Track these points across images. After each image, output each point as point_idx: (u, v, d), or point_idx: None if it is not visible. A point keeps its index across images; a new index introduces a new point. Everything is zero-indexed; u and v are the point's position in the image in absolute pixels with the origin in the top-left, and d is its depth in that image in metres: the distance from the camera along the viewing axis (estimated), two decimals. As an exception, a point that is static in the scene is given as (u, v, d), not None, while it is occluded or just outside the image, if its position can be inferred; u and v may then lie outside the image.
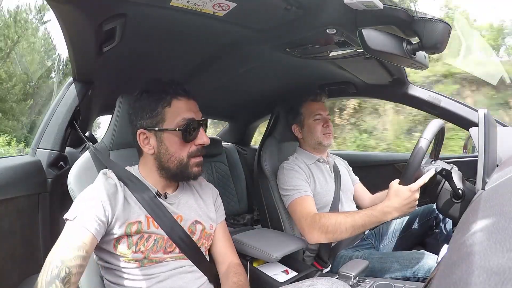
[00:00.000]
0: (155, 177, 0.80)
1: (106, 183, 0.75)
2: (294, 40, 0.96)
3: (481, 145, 0.70)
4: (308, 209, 1.08)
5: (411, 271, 0.95)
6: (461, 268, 0.27)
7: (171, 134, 0.76)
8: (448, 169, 0.91)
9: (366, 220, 0.95)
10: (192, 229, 0.81)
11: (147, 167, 0.81)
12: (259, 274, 0.95)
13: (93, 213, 0.68)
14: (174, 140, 0.76)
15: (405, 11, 0.72)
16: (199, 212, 0.84)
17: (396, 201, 0.91)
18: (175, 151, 0.77)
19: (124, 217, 0.72)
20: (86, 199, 0.71)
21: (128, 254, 0.72)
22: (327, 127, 1.27)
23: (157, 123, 0.76)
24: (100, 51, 0.87)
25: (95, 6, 0.69)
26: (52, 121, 1.03)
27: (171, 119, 0.76)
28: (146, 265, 0.74)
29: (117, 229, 0.71)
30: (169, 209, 0.78)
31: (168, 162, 0.77)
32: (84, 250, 0.63)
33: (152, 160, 0.79)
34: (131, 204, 0.75)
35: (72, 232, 0.66)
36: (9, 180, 0.81)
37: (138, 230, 0.73)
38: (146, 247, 0.73)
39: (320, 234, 1.00)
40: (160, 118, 0.76)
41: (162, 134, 0.76)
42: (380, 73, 1.28)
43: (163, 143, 0.76)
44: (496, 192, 0.50)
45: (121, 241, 0.72)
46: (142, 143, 0.78)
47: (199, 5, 0.73)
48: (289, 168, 1.20)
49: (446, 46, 0.73)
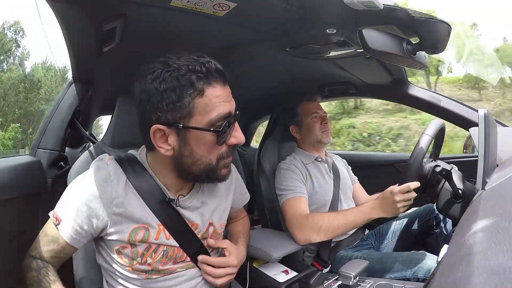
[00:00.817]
0: (170, 177, 0.66)
1: (100, 176, 0.62)
2: (294, 40, 0.96)
3: (481, 145, 0.70)
4: (300, 210, 1.09)
5: (411, 271, 0.95)
6: (461, 268, 0.27)
7: (202, 134, 0.58)
8: (448, 169, 0.91)
9: (357, 216, 0.99)
10: (205, 236, 0.72)
11: (160, 163, 0.65)
12: (259, 274, 0.95)
13: (75, 222, 0.61)
14: (205, 141, 0.59)
15: (405, 11, 0.72)
16: (213, 210, 0.73)
17: (380, 200, 0.96)
18: (202, 155, 0.60)
19: (127, 221, 0.62)
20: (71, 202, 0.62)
21: (133, 265, 0.64)
22: (325, 125, 1.28)
23: (182, 118, 0.57)
24: (100, 51, 0.87)
25: (95, 6, 0.68)
26: (52, 121, 1.03)
27: (202, 114, 0.57)
28: (153, 276, 0.66)
29: (117, 236, 0.62)
30: (184, 216, 0.67)
31: (193, 166, 0.61)
32: (59, 252, 0.65)
33: (168, 161, 0.63)
34: (134, 204, 0.62)
35: (50, 233, 0.65)
36: (9, 180, 0.81)
37: (144, 239, 0.63)
38: (154, 259, 0.64)
39: (313, 233, 1.02)
40: (187, 112, 0.56)
41: (187, 133, 0.58)
42: (380, 73, 1.28)
43: (187, 145, 0.59)
44: (496, 192, 0.50)
45: (124, 250, 0.63)
46: (157, 142, 0.59)
47: (199, 5, 0.73)
48: (285, 167, 1.20)
49: (446, 46, 0.73)
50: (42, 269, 0.65)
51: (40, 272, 0.64)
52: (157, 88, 0.56)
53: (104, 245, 0.67)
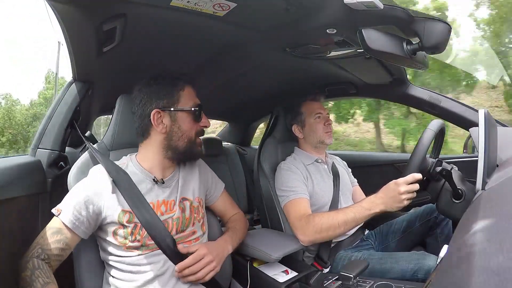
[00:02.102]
0: (157, 159, 0.85)
1: (95, 178, 0.80)
2: (294, 40, 0.96)
3: (481, 145, 0.70)
4: (303, 211, 1.09)
5: (411, 272, 0.95)
6: (461, 268, 0.27)
7: (186, 113, 0.85)
8: (448, 169, 0.91)
9: (356, 213, 0.98)
10: (182, 207, 0.86)
11: (149, 150, 0.86)
12: (259, 274, 0.95)
13: (74, 208, 0.75)
14: (188, 119, 0.85)
15: (405, 11, 0.72)
16: (188, 188, 0.90)
17: (384, 192, 0.94)
18: (187, 129, 0.85)
19: (114, 206, 0.77)
20: (71, 195, 0.78)
21: (127, 243, 0.77)
22: (328, 126, 1.28)
23: (172, 103, 0.83)
24: (100, 51, 0.87)
25: (95, 6, 0.68)
26: (52, 121, 1.03)
27: (185, 101, 0.85)
28: (144, 252, 0.78)
29: (110, 218, 0.77)
30: (159, 194, 0.84)
31: (179, 140, 0.84)
32: (63, 243, 0.74)
33: (159, 141, 0.84)
34: (121, 196, 0.79)
35: (53, 225, 0.75)
36: (9, 180, 0.81)
37: (130, 220, 0.78)
38: (142, 236, 0.78)
39: (314, 233, 1.02)
40: (176, 99, 0.84)
41: (176, 113, 0.84)
42: (380, 73, 1.28)
43: (176, 122, 0.84)
44: (496, 192, 0.50)
45: (118, 231, 0.78)
46: (155, 123, 0.82)
47: (199, 5, 0.73)
48: (286, 168, 1.20)
49: (446, 46, 0.73)
50: (36, 270, 0.67)
51: (33, 273, 0.67)
52: (154, 88, 0.84)
53: (102, 235, 0.80)
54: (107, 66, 1.01)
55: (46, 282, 0.66)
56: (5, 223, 0.78)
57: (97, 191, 0.77)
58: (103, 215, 0.77)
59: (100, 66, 0.99)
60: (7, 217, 0.80)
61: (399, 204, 0.91)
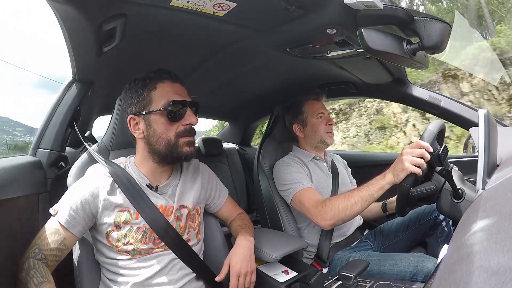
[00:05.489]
0: (149, 165, 0.83)
1: (92, 178, 0.79)
2: (294, 40, 0.96)
3: (481, 145, 0.70)
4: (315, 197, 1.08)
5: (410, 274, 0.94)
6: (462, 268, 0.26)
7: (157, 115, 0.78)
8: (448, 169, 0.91)
9: (370, 185, 0.97)
10: (178, 215, 0.83)
11: (141, 155, 0.84)
12: (259, 274, 0.95)
13: (71, 208, 0.75)
14: (161, 120, 0.78)
15: (405, 11, 0.72)
16: (187, 196, 0.87)
17: (394, 162, 0.94)
18: (162, 132, 0.78)
19: (111, 207, 0.77)
20: (68, 195, 0.77)
21: (119, 245, 0.77)
22: (329, 126, 1.28)
23: (145, 107, 0.79)
24: (100, 51, 0.87)
25: (95, 6, 0.69)
26: (52, 121, 1.03)
27: (157, 101, 0.78)
28: (136, 257, 0.77)
29: (106, 219, 0.76)
30: (155, 200, 0.81)
31: (157, 143, 0.79)
32: (60, 243, 0.73)
33: (143, 146, 0.82)
34: (118, 195, 0.78)
35: (50, 225, 0.75)
36: (9, 180, 0.81)
37: (126, 220, 0.77)
38: (136, 239, 0.77)
39: (334, 216, 1.00)
40: (147, 101, 0.79)
41: (149, 117, 0.79)
42: (380, 73, 1.28)
43: (150, 126, 0.79)
44: (496, 192, 0.49)
45: (112, 233, 0.77)
46: (132, 129, 0.81)
47: (199, 5, 0.73)
48: (285, 164, 1.20)
49: (446, 46, 0.73)
50: (31, 270, 0.67)
51: (28, 273, 0.66)
52: (129, 93, 0.81)
53: (97, 235, 0.79)
54: (107, 66, 1.01)
55: (41, 282, 0.66)
56: (5, 223, 0.78)
57: (94, 191, 0.76)
58: (99, 215, 0.77)
59: (100, 66, 0.99)
60: (7, 217, 0.80)
61: (403, 169, 0.88)
